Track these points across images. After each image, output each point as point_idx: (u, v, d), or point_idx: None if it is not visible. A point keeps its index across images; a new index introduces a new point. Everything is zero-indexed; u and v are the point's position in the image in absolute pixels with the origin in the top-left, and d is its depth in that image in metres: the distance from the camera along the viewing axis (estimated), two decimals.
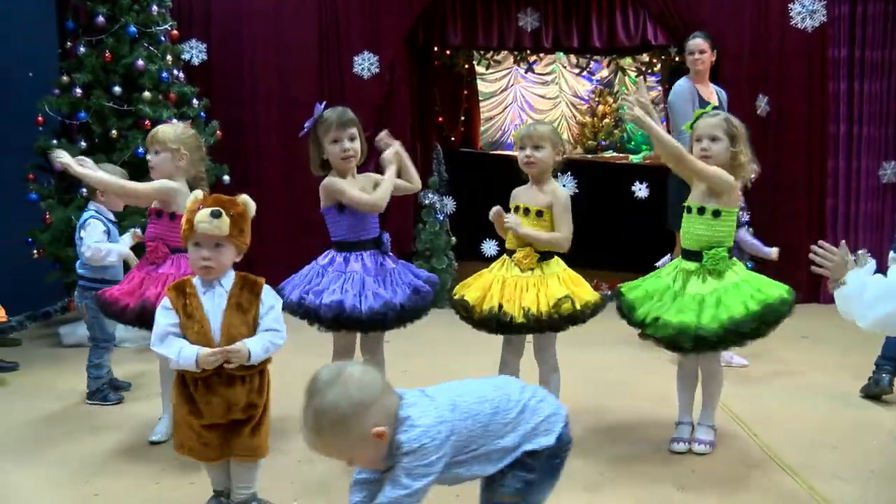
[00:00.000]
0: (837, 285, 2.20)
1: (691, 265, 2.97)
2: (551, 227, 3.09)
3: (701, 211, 2.97)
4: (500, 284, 3.05)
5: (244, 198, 2.36)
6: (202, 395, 2.26)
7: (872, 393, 3.62)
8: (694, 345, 2.81)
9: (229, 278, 2.34)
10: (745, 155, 2.97)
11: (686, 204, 3.05)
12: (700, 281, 2.92)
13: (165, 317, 2.28)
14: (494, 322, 2.98)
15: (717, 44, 4.95)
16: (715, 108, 3.17)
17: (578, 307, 2.97)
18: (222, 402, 2.27)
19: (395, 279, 3.01)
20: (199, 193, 2.35)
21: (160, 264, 3.07)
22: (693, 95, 4.73)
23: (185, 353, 2.21)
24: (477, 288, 3.10)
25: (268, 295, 2.36)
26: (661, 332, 2.86)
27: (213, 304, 2.29)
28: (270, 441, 3.14)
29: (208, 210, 2.21)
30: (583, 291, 3.05)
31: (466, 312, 3.07)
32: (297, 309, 2.93)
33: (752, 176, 4.85)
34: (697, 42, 4.80)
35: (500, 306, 2.97)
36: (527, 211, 3.10)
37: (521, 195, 3.17)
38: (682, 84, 4.81)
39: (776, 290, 2.88)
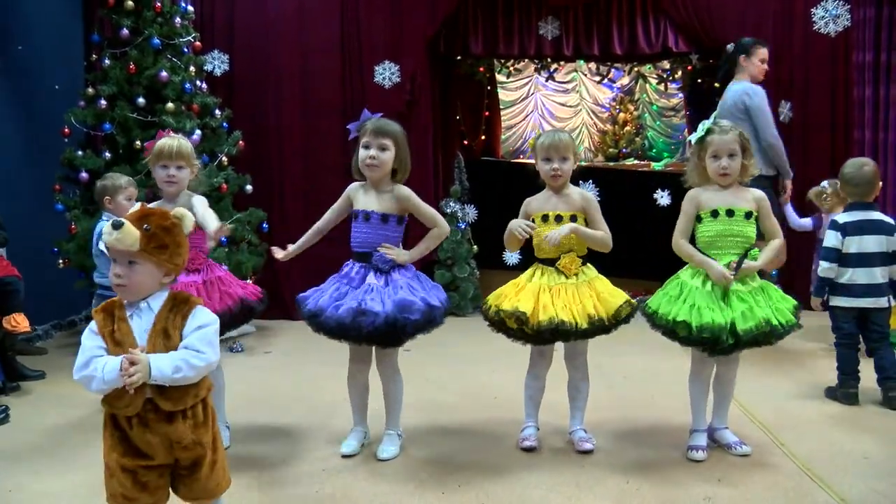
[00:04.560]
0: None
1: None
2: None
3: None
4: (548, 293, 3.00)
5: (179, 211, 2.04)
6: (139, 435, 1.94)
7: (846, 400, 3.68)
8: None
9: (159, 299, 2.00)
10: (753, 166, 3.06)
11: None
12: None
13: (91, 340, 1.95)
14: (553, 332, 2.94)
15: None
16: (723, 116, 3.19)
17: (632, 309, 3.06)
18: (163, 441, 1.96)
19: (357, 295, 2.93)
20: (136, 205, 2.09)
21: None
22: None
23: (110, 367, 1.87)
24: (527, 299, 3.00)
25: (198, 316, 2.01)
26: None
27: (141, 329, 1.97)
28: (293, 449, 3.19)
29: (111, 221, 1.92)
30: (621, 295, 3.10)
31: (520, 324, 2.96)
32: (298, 307, 3.08)
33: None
34: (767, 51, 4.95)
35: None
36: (559, 218, 3.08)
37: (546, 204, 3.13)
38: (760, 91, 4.88)
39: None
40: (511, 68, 8.53)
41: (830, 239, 3.74)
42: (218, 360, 2.02)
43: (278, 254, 3.15)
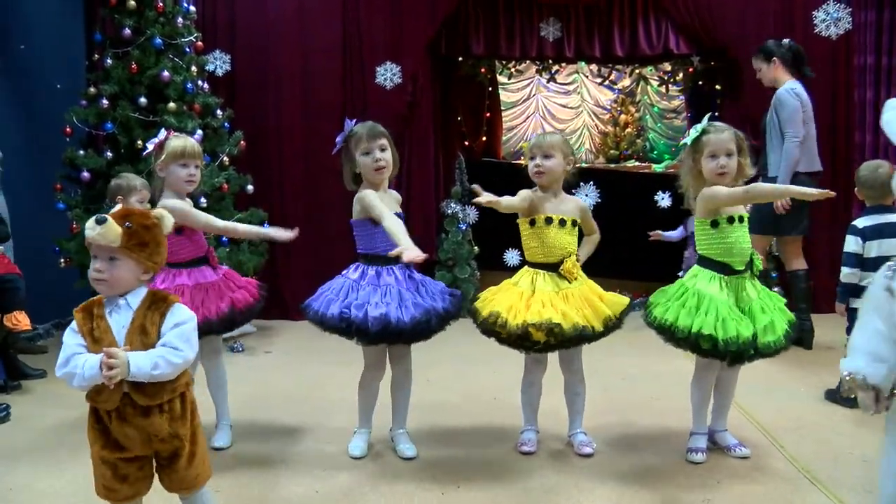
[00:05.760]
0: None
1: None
2: (578, 235, 3.15)
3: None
4: (560, 299, 2.98)
5: (159, 211, 2.12)
6: (118, 428, 2.01)
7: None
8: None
9: (137, 297, 2.05)
10: (748, 166, 3.00)
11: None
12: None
13: (72, 338, 2.01)
14: (578, 338, 2.92)
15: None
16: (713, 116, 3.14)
17: (630, 310, 3.07)
18: (140, 434, 2.02)
19: (429, 288, 3.04)
20: (119, 206, 2.16)
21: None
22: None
23: (90, 364, 1.93)
24: (547, 308, 2.94)
25: (176, 313, 2.05)
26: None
27: (119, 325, 2.02)
28: (293, 448, 3.19)
29: (95, 216, 2.00)
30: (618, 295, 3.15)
31: (550, 335, 2.89)
32: (339, 324, 2.89)
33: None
34: (753, 63, 4.95)
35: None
36: (563, 222, 3.08)
37: (547, 205, 3.11)
38: None
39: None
40: (512, 69, 8.52)
41: (850, 244, 3.66)
42: (195, 357, 2.07)
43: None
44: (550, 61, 7.40)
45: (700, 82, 7.46)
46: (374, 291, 2.94)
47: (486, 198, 2.96)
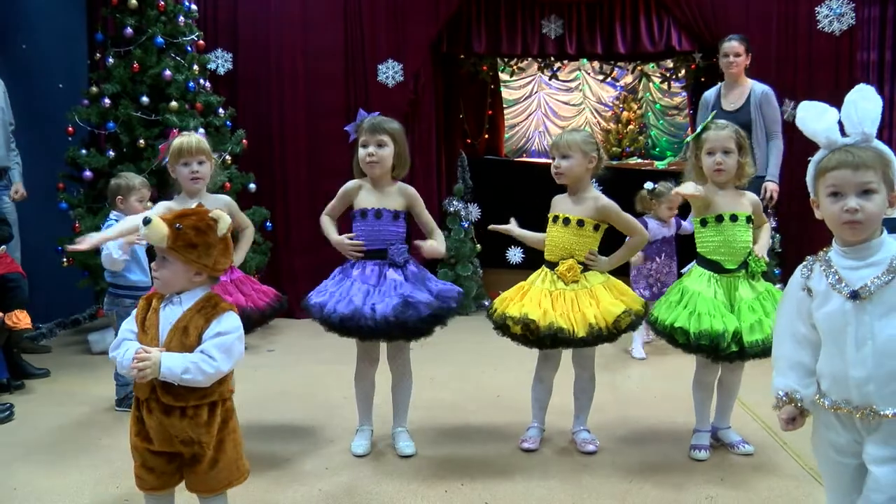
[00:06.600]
0: None
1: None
2: (594, 236, 3.07)
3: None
4: (549, 298, 2.97)
5: (216, 213, 2.07)
6: (147, 419, 2.04)
7: None
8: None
9: (192, 297, 2.06)
10: (749, 165, 3.01)
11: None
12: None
13: (128, 323, 2.10)
14: (553, 338, 2.88)
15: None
16: (717, 114, 3.15)
17: (634, 318, 2.98)
18: (161, 430, 2.03)
19: (388, 290, 2.93)
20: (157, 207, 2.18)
21: None
22: (707, 105, 4.92)
23: (129, 354, 1.97)
24: (532, 304, 2.96)
25: (223, 322, 2.02)
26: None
27: (167, 321, 2.04)
28: (296, 447, 3.19)
29: (143, 216, 2.02)
30: (631, 300, 3.04)
31: (525, 330, 2.90)
32: (303, 306, 3.07)
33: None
34: (733, 45, 4.85)
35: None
36: (566, 221, 3.06)
37: (560, 204, 3.13)
38: (705, 95, 5.02)
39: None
40: (514, 67, 8.52)
41: None
42: (230, 369, 2.04)
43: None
44: (552, 58, 7.39)
45: (702, 79, 7.45)
46: (336, 283, 3.04)
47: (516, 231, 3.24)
